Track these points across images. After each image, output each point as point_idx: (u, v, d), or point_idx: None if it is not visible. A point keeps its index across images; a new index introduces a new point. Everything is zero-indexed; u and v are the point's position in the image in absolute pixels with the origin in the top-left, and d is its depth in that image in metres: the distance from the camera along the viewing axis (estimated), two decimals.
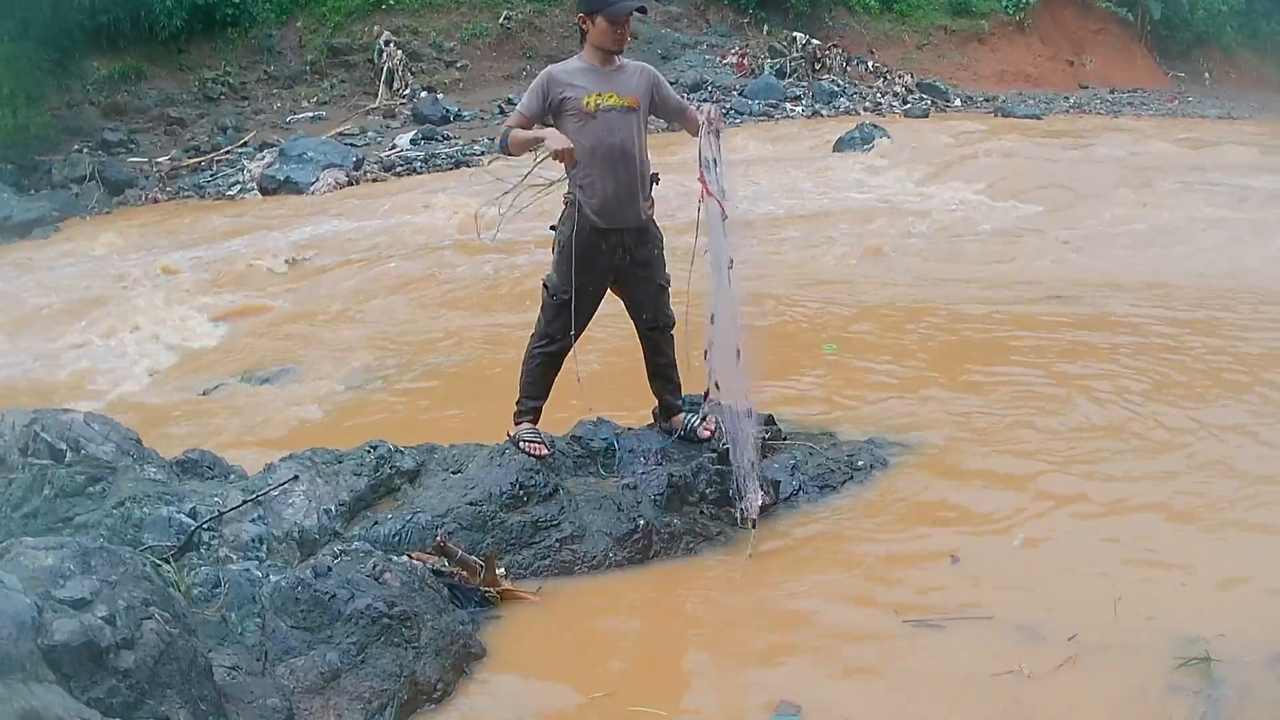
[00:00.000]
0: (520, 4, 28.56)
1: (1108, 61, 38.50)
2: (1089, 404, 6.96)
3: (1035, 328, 8.88)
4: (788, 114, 27.32)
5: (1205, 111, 33.64)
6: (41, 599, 3.04)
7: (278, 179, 19.06)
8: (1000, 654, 4.20)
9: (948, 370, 7.76)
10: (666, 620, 4.80)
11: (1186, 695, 3.89)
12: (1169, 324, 8.87)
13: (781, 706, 3.92)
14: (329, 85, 25.47)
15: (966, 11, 36.78)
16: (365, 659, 3.88)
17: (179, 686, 3.20)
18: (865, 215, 14.68)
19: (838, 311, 9.65)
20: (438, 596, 4.34)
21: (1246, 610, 4.47)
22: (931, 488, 5.81)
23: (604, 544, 5.02)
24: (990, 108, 30.47)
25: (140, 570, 3.42)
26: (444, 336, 9.48)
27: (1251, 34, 42.53)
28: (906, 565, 5.05)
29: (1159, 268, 11.17)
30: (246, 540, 4.60)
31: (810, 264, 11.64)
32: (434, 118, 24.02)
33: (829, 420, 6.71)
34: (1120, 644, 4.22)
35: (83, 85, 22.40)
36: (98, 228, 16.91)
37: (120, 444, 4.98)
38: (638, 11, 5.22)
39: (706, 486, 5.35)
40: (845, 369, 7.93)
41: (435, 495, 5.14)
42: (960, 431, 6.57)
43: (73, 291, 12.13)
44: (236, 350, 9.52)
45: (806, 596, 4.81)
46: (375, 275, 12.14)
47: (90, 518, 4.54)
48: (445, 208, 15.96)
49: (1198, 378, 7.45)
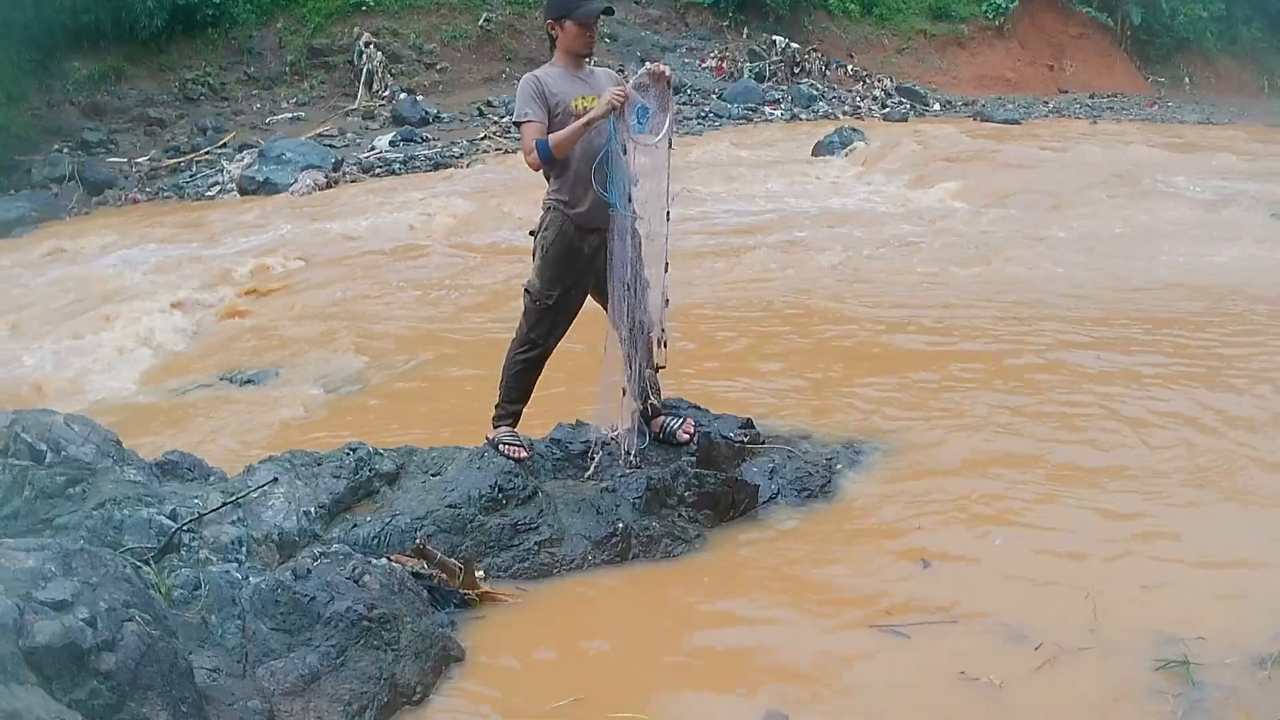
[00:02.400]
0: (500, 6, 28.57)
1: (1088, 66, 38.68)
2: (1066, 407, 7.01)
3: (1013, 331, 8.93)
4: (766, 117, 27.39)
5: (1185, 116, 33.82)
6: (22, 600, 3.05)
7: (257, 180, 19.06)
8: (978, 658, 4.22)
9: (924, 374, 7.80)
10: (646, 624, 4.81)
11: (1166, 698, 3.91)
12: (1145, 326, 8.94)
13: (769, 717, 3.94)
14: (309, 86, 25.47)
15: (946, 16, 36.91)
16: (345, 661, 3.89)
17: (160, 688, 3.21)
18: (842, 219, 14.75)
19: (813, 316, 9.69)
20: (417, 599, 4.35)
21: (1226, 612, 4.49)
22: (908, 491, 5.83)
23: (583, 547, 5.04)
24: (970, 112, 30.62)
25: (121, 572, 3.44)
26: (425, 338, 9.49)
27: (1231, 40, 42.76)
28: (884, 569, 5.07)
29: (1135, 270, 11.23)
30: (226, 542, 4.60)
31: (786, 268, 11.66)
32: (413, 120, 24.03)
33: (807, 424, 6.73)
34: (1098, 646, 4.24)
35: (63, 85, 22.36)
36: (77, 228, 16.89)
37: (100, 445, 4.97)
38: (604, 13, 5.28)
39: (685, 490, 5.37)
40: (823, 373, 7.96)
41: (414, 498, 5.14)
42: (937, 435, 6.60)
43: (52, 292, 12.10)
44: (217, 351, 9.52)
45: (784, 601, 4.82)
46: (355, 276, 12.14)
47: (71, 519, 4.54)
48: (424, 209, 15.98)
49: (1175, 381, 7.49)
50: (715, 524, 5.39)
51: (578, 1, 5.16)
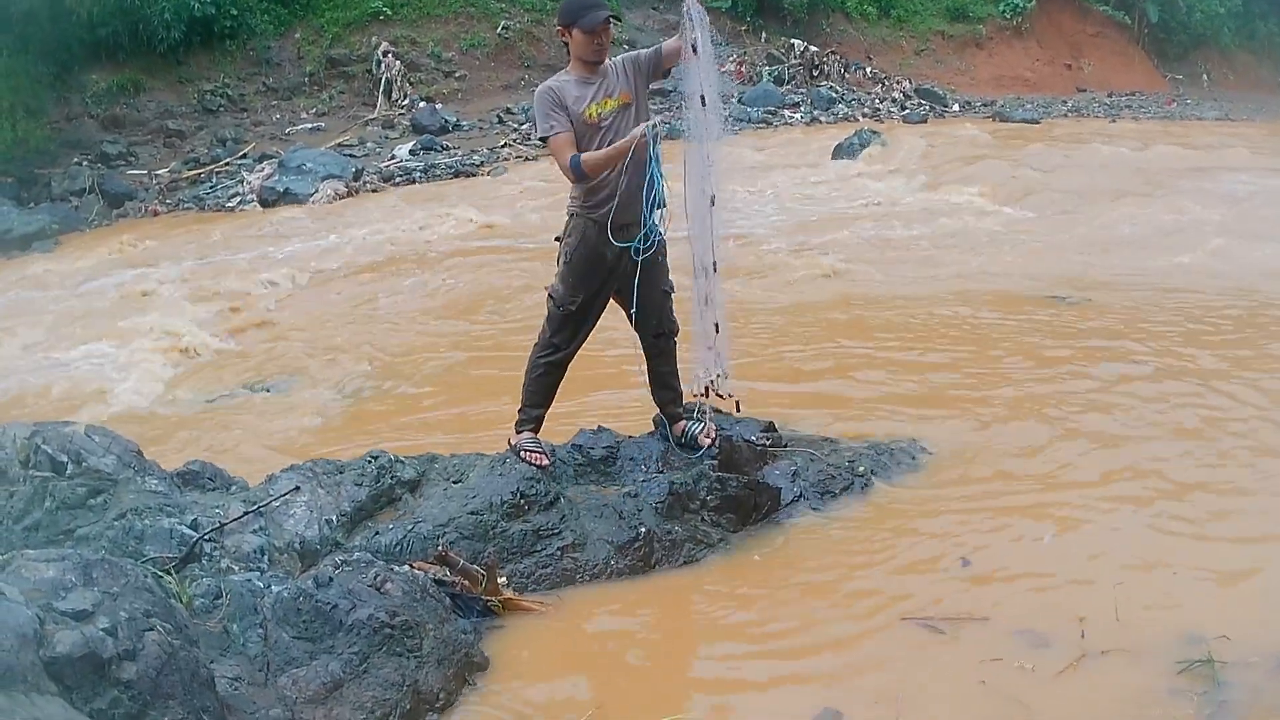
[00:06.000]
0: (518, 14, 28.58)
1: (1105, 65, 38.52)
2: (1092, 406, 6.97)
3: (1037, 331, 8.90)
4: (786, 121, 27.35)
5: (1203, 114, 33.65)
6: (43, 611, 3.05)
7: (277, 190, 19.07)
8: (1006, 658, 4.20)
9: (948, 375, 7.77)
10: (671, 630, 4.80)
11: (1190, 698, 3.88)
12: (1173, 326, 8.89)
13: (823, 712, 3.91)
14: (327, 96, 25.49)
15: (964, 16, 36.82)
16: (367, 669, 3.88)
17: (181, 697, 3.20)
18: (864, 221, 14.71)
19: (835, 317, 9.66)
20: (439, 606, 4.34)
21: (1252, 612, 4.46)
22: (931, 493, 5.81)
23: (605, 552, 5.03)
24: (989, 112, 30.49)
25: (142, 582, 3.43)
26: (446, 345, 9.49)
27: (1249, 35, 42.58)
28: (906, 570, 5.04)
29: (1158, 269, 11.19)
30: (248, 551, 4.60)
31: (809, 269, 11.64)
32: (433, 128, 24.01)
33: (829, 427, 6.70)
34: (1124, 647, 4.22)
35: (82, 98, 22.41)
36: (98, 240, 16.94)
37: (121, 456, 4.97)
38: (613, 20, 5.27)
39: (707, 494, 5.35)
40: (845, 375, 7.93)
41: (436, 505, 5.14)
42: (962, 436, 6.58)
43: (73, 304, 12.16)
44: (237, 361, 9.54)
45: (811, 604, 4.80)
46: (376, 284, 12.17)
47: (91, 530, 4.54)
48: (445, 216, 16.00)
49: (1201, 380, 7.45)
50: (738, 528, 5.37)
51: (583, 10, 5.18)
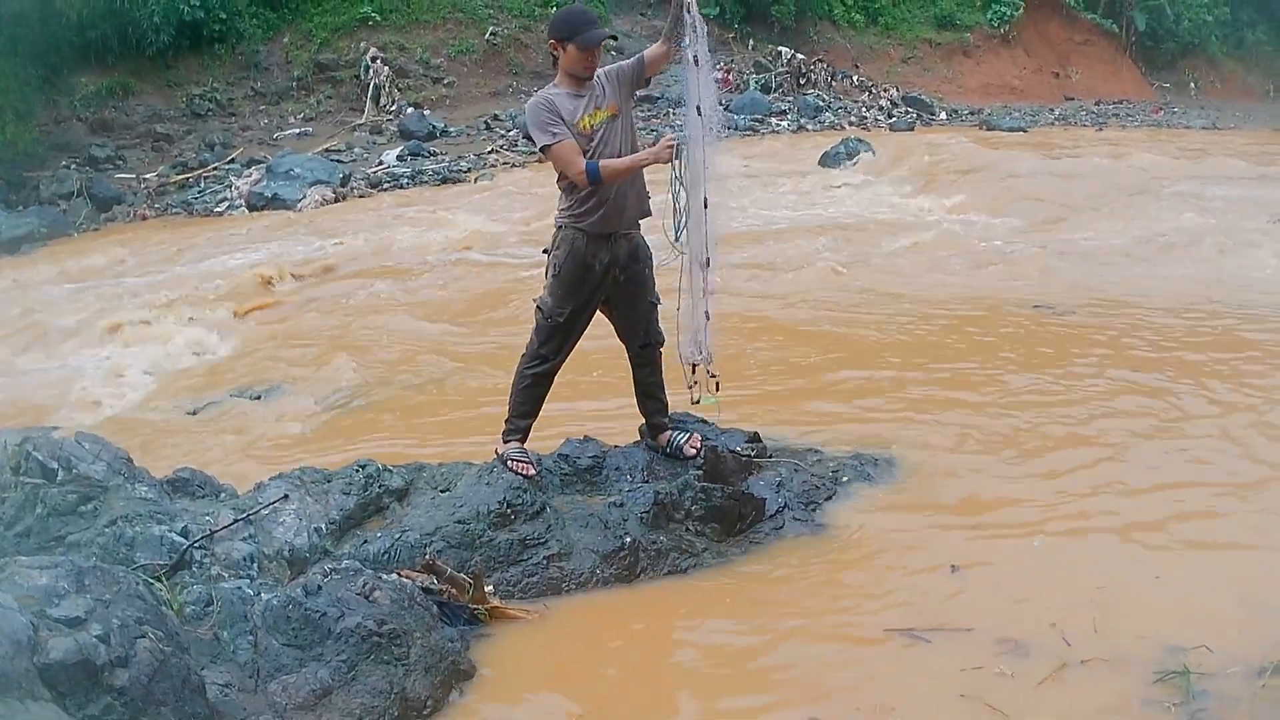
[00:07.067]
0: (506, 20, 28.62)
1: (1093, 73, 38.69)
2: (1075, 416, 7.04)
3: (1021, 340, 8.96)
4: (773, 129, 27.41)
5: (1190, 122, 33.74)
6: (36, 618, 3.09)
7: (265, 195, 19.08)
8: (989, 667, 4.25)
9: (932, 385, 7.82)
10: (655, 639, 4.83)
11: (1166, 708, 3.92)
12: (1154, 336, 8.95)
13: None
14: (316, 101, 25.49)
15: (951, 25, 36.97)
16: (356, 676, 3.92)
17: (172, 704, 3.25)
18: (849, 230, 14.76)
19: (818, 328, 9.71)
20: (427, 614, 4.38)
21: (1232, 623, 4.49)
22: (915, 503, 5.86)
23: (591, 561, 5.07)
24: (975, 120, 30.54)
25: (133, 589, 3.47)
26: (433, 353, 9.49)
27: (1237, 44, 42.76)
28: (891, 580, 5.10)
29: (1140, 279, 11.25)
30: (238, 559, 4.63)
31: (792, 279, 11.67)
32: (420, 134, 24.04)
33: (813, 437, 6.75)
34: (1105, 657, 4.26)
35: (70, 101, 22.41)
36: (86, 244, 16.93)
37: (111, 463, 5.00)
38: (609, 40, 5.30)
39: (692, 504, 5.39)
40: (830, 385, 7.98)
41: (424, 514, 5.17)
42: (944, 445, 6.63)
43: (61, 309, 12.14)
44: (226, 368, 9.54)
45: (795, 615, 4.84)
46: (364, 291, 12.17)
47: (83, 536, 4.56)
48: (431, 223, 16.03)
49: (1185, 391, 7.51)
50: (723, 538, 5.41)
51: (582, 26, 5.18)
